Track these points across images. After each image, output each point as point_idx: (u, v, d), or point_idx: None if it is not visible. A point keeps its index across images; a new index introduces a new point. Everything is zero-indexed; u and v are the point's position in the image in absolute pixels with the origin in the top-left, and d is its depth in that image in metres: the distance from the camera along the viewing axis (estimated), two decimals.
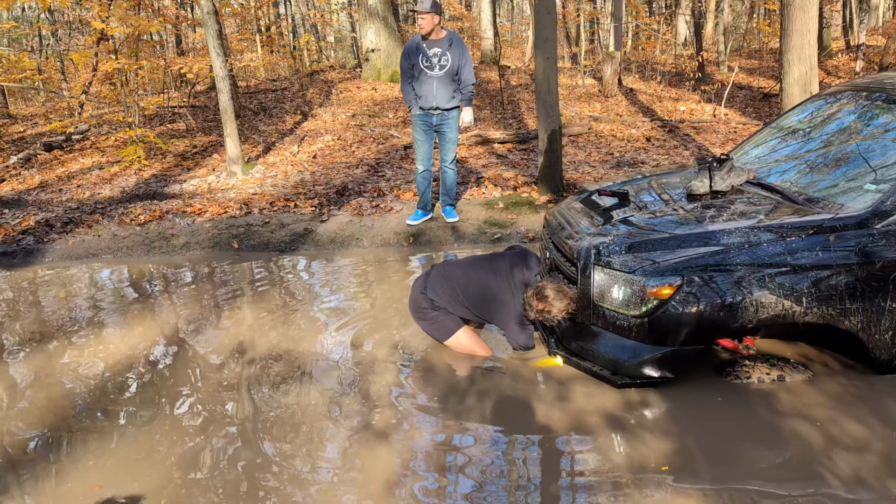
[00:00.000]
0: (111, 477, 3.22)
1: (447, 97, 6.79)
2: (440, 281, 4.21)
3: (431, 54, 6.70)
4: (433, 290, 4.20)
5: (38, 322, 5.30)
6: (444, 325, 4.22)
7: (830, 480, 2.95)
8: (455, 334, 4.22)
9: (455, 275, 4.22)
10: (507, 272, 4.09)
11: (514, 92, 14.88)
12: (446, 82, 6.75)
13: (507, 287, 4.05)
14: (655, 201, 4.52)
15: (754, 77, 16.46)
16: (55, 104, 15.95)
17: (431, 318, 4.23)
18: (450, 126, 6.93)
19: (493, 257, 4.30)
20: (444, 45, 6.71)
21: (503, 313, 4.07)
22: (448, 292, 4.17)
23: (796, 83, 7.69)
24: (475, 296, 4.12)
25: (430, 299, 4.19)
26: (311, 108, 13.86)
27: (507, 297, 4.04)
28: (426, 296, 4.21)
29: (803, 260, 3.49)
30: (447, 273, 4.25)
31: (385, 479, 3.11)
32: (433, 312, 4.21)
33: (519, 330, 4.07)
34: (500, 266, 4.14)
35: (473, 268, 4.25)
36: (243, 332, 4.84)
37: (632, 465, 3.13)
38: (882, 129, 4.25)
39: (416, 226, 7.22)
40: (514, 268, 4.10)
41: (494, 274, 4.12)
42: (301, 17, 25.37)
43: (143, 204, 8.67)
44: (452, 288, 4.16)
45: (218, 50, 9.40)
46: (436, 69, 6.72)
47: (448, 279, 4.20)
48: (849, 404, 3.53)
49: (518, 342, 4.10)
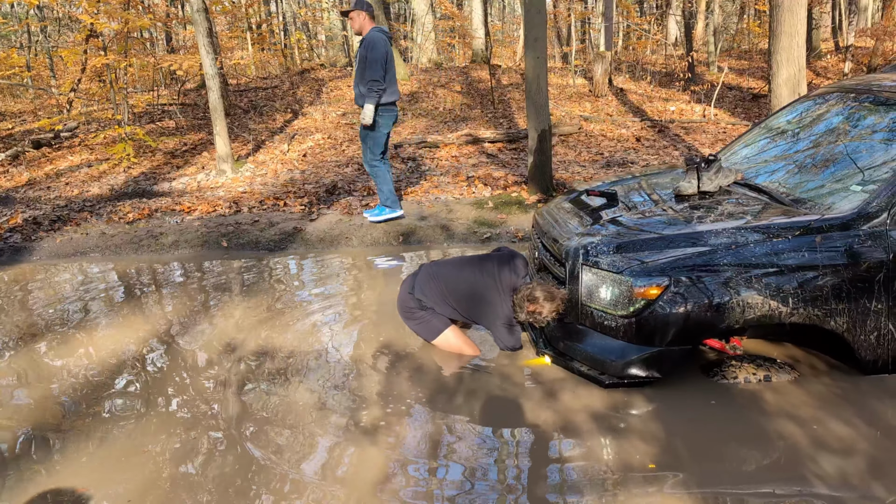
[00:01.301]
0: (97, 478, 3.20)
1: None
2: (428, 281, 4.21)
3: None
4: (421, 290, 4.20)
5: (25, 321, 5.27)
6: (431, 325, 4.22)
7: (815, 480, 2.97)
8: (443, 333, 4.22)
9: (443, 275, 4.22)
10: (495, 273, 4.10)
11: (505, 91, 14.89)
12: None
13: (494, 288, 4.06)
14: (644, 201, 4.53)
15: (744, 78, 16.53)
16: (44, 101, 15.86)
17: (419, 318, 4.23)
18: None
19: (482, 258, 4.30)
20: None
21: (491, 314, 4.08)
22: (436, 292, 4.17)
23: (785, 84, 7.74)
24: (463, 296, 4.13)
25: (418, 299, 4.19)
26: (302, 107, 13.83)
27: (494, 298, 4.04)
28: (414, 296, 4.21)
29: (790, 261, 3.51)
30: (435, 273, 4.25)
31: (372, 480, 3.10)
32: (420, 312, 4.21)
33: (506, 331, 4.07)
34: (488, 267, 4.14)
35: (461, 268, 4.25)
36: (231, 332, 4.82)
37: (619, 465, 3.13)
38: (869, 130, 4.28)
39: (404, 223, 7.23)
40: (503, 269, 4.11)
41: (482, 274, 4.12)
42: (292, 14, 25.31)
43: (132, 202, 8.63)
44: (440, 288, 4.16)
45: (208, 47, 9.37)
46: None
47: (436, 279, 4.20)
48: (834, 404, 3.55)
49: (505, 343, 4.11)
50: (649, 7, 26.48)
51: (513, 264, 4.15)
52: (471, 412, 3.67)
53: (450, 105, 13.84)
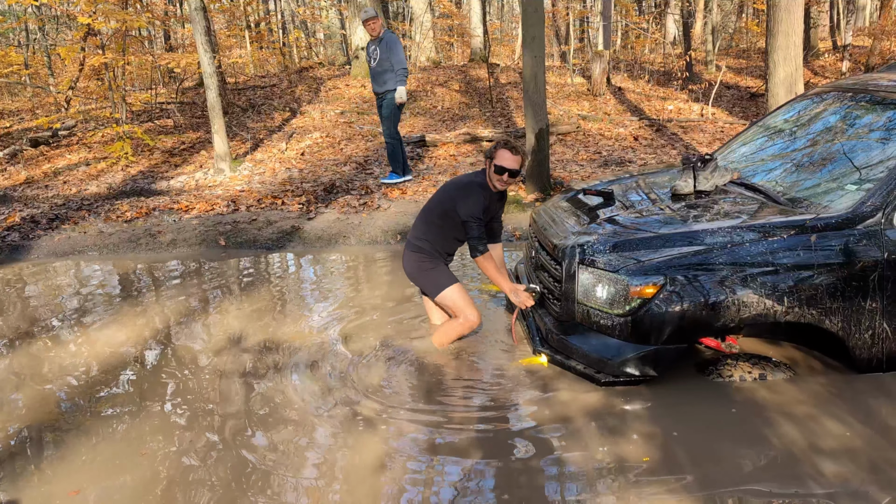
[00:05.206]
0: (89, 481, 3.18)
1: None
2: (414, 224, 4.47)
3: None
4: (413, 233, 4.42)
5: (22, 319, 5.27)
6: (436, 280, 4.33)
7: (810, 478, 2.98)
8: (447, 289, 4.31)
9: (422, 210, 4.48)
10: (453, 181, 4.47)
11: (504, 90, 14.89)
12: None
13: (468, 178, 4.35)
14: (641, 200, 4.55)
15: (742, 76, 16.54)
16: (42, 99, 15.84)
17: (425, 272, 4.35)
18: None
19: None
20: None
21: (465, 197, 4.21)
22: (422, 222, 4.39)
23: (782, 83, 7.75)
24: (439, 200, 4.35)
25: (413, 243, 4.38)
26: (300, 105, 13.82)
27: (469, 180, 4.31)
28: (410, 243, 4.41)
29: (785, 260, 3.52)
30: (417, 216, 4.51)
31: (368, 478, 3.11)
32: (424, 261, 4.34)
33: (475, 224, 4.17)
34: (447, 183, 4.48)
35: (432, 196, 4.51)
36: (228, 331, 4.83)
37: (614, 463, 3.15)
38: (866, 129, 4.29)
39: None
40: (459, 176, 4.53)
41: (445, 187, 4.44)
42: (290, 13, 25.29)
43: (130, 201, 8.63)
44: (422, 218, 4.39)
45: (206, 46, 9.37)
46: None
47: (418, 216, 4.46)
48: (829, 403, 3.56)
49: (472, 233, 4.19)
50: (647, 6, 26.49)
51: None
52: (467, 409, 3.69)
53: (448, 104, 13.85)
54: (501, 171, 4.14)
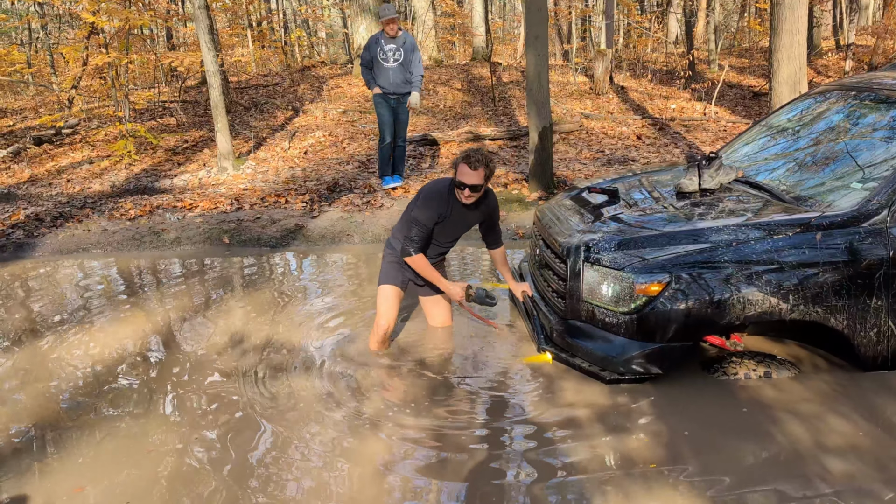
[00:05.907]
0: (93, 478, 3.18)
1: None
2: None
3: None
4: (392, 231, 4.47)
5: (26, 317, 5.29)
6: (380, 275, 4.39)
7: (815, 476, 2.98)
8: (380, 286, 4.35)
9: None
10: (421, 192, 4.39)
11: (506, 89, 14.88)
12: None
13: (439, 186, 4.31)
14: (645, 199, 4.55)
15: (745, 76, 16.53)
16: (45, 98, 15.86)
17: (383, 264, 4.41)
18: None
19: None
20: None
21: (424, 202, 4.20)
22: (400, 222, 4.40)
23: (785, 82, 7.74)
24: (412, 201, 4.34)
25: (389, 240, 4.44)
26: (303, 104, 13.82)
27: (438, 188, 4.28)
28: (387, 240, 4.46)
29: (790, 258, 3.52)
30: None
31: (371, 477, 3.12)
32: (387, 255, 4.40)
33: (416, 228, 4.13)
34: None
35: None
36: (232, 329, 4.84)
37: (620, 461, 3.15)
38: (869, 128, 4.29)
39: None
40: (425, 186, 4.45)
41: (430, 183, 4.41)
42: (292, 12, 25.29)
43: (134, 199, 8.64)
44: (402, 216, 4.39)
45: (209, 45, 9.37)
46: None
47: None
48: (834, 401, 3.56)
49: (410, 234, 4.14)
50: (650, 5, 26.46)
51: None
52: (472, 408, 3.69)
53: (450, 102, 13.84)
54: (462, 186, 4.08)
